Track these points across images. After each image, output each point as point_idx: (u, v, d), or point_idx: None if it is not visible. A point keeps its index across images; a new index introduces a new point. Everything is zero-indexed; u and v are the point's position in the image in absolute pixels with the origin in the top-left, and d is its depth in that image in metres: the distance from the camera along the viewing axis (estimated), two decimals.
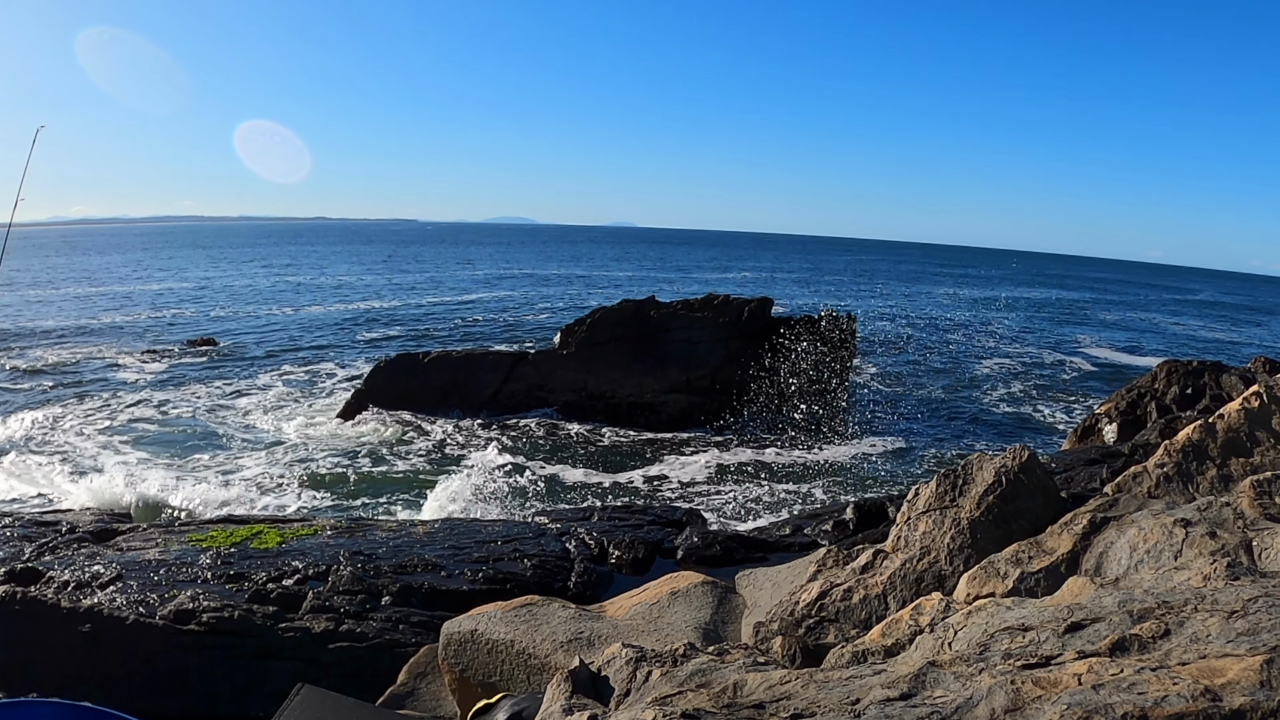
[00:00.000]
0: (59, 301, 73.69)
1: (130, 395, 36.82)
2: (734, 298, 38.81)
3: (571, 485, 27.20)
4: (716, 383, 35.96)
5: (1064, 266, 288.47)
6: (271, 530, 13.03)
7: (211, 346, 50.03)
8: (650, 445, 31.88)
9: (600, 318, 36.43)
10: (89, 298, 77.29)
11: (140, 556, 11.80)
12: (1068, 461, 15.25)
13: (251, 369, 43.89)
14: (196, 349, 49.07)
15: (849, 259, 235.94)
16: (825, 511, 15.37)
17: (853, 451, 31.88)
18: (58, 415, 32.86)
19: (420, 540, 12.74)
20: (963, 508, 7.78)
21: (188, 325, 59.31)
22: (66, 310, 66.87)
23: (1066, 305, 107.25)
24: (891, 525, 9.24)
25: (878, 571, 7.64)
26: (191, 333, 55.01)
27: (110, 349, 47.94)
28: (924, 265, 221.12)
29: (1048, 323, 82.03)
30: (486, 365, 35.57)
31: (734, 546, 13.07)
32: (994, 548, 7.31)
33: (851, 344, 39.32)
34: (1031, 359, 56.54)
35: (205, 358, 46.57)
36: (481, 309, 72.25)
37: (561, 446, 31.17)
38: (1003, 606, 5.05)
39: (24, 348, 47.52)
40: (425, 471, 27.68)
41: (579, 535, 13.30)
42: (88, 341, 50.31)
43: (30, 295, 78.20)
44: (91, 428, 31.24)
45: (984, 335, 68.64)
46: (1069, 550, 6.72)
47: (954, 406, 40.47)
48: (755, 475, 28.58)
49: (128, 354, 46.59)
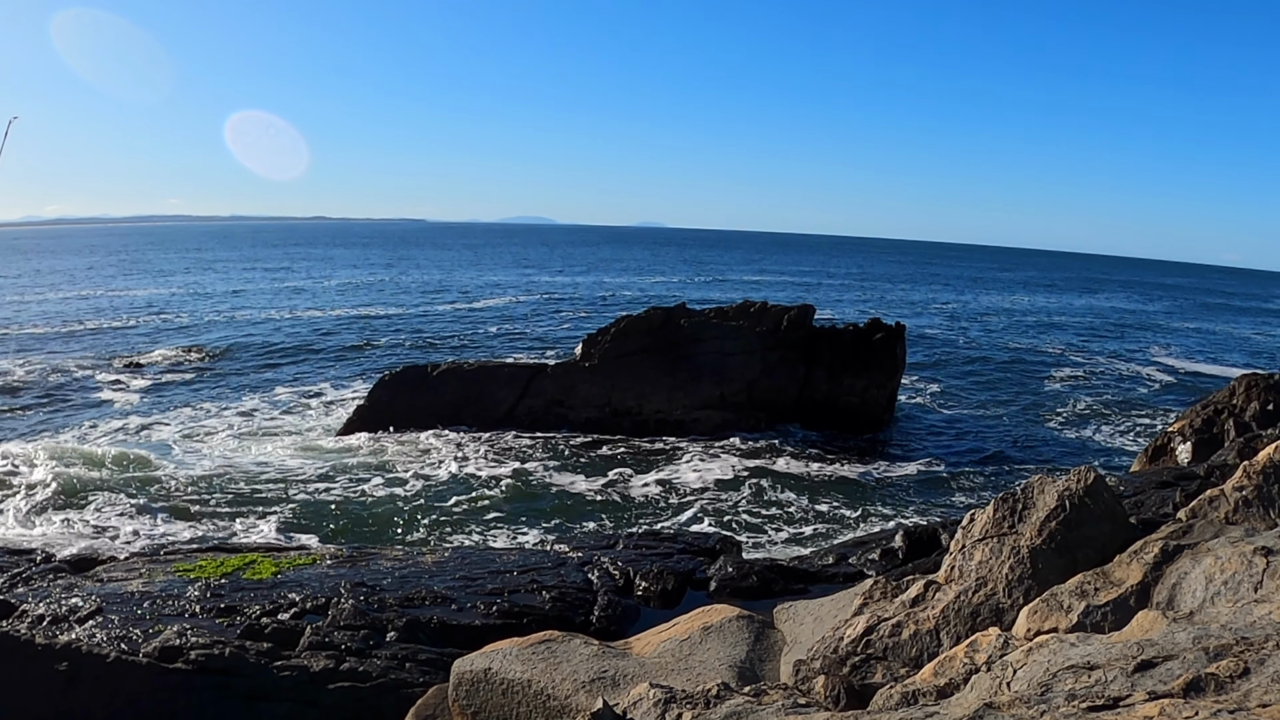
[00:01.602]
0: (34, 307, 74.31)
1: (112, 411, 37.02)
2: (772, 305, 38.77)
3: (594, 510, 27.16)
4: (753, 397, 35.92)
5: (1133, 270, 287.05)
6: (266, 559, 13.09)
7: (199, 356, 50.25)
8: (678, 463, 31.81)
9: (626, 327, 36.42)
10: (66, 304, 77.92)
11: (122, 588, 11.85)
12: (1138, 484, 15.21)
13: (243, 382, 44.14)
14: (183, 360, 49.30)
15: (898, 262, 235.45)
16: (872, 539, 15.36)
17: (902, 472, 31.76)
18: (31, 441, 32.96)
19: (428, 570, 12.79)
20: (1023, 535, 7.77)
21: (174, 333, 59.70)
22: (42, 317, 67.45)
23: (1137, 312, 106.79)
24: (944, 554, 9.22)
25: (930, 605, 7.64)
26: (178, 342, 55.37)
27: (89, 361, 48.24)
28: (981, 269, 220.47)
29: (1117, 331, 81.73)
30: (501, 378, 35.58)
31: (772, 577, 13.09)
32: (1057, 579, 7.29)
33: (900, 354, 39.22)
34: (1099, 371, 56.32)
35: (193, 370, 46.84)
36: (495, 317, 72.45)
37: (583, 467, 31.15)
38: (1066, 643, 5.05)
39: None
40: (434, 496, 27.70)
41: (602, 565, 13.34)
42: (66, 352, 50.66)
43: (2, 300, 78.84)
44: (68, 452, 31.33)
45: (1047, 344, 68.37)
46: (1139, 581, 6.70)
47: (1013, 422, 40.31)
48: (795, 499, 28.51)
49: (109, 365, 46.90)
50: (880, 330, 38.49)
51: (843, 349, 37.55)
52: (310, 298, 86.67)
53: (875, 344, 37.92)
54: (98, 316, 68.75)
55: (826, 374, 37.23)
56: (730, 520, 26.32)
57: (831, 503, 28.24)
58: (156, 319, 68.31)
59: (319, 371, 47.51)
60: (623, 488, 29.24)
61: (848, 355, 37.49)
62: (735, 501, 28.17)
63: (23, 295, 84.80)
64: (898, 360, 39.07)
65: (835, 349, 37.48)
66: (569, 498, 28.04)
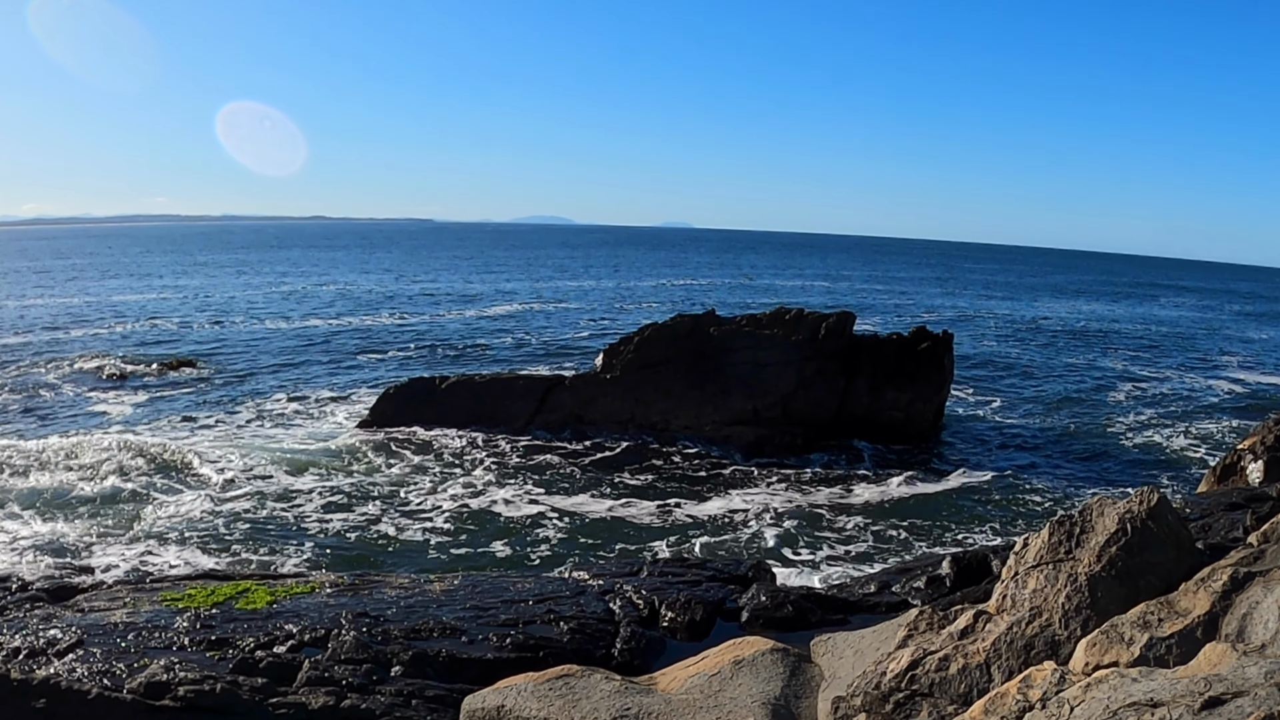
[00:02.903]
0: (10, 313, 74.70)
1: (94, 426, 37.12)
2: (809, 312, 38.79)
3: (615, 534, 27.16)
4: (788, 412, 35.89)
5: (1200, 275, 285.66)
6: (260, 588, 13.11)
7: (190, 369, 50.40)
8: (709, 484, 31.80)
9: (650, 336, 36.42)
10: (46, 309, 78.42)
11: (105, 619, 11.88)
12: (1205, 506, 15.15)
13: (236, 394, 44.25)
14: (172, 370, 49.45)
15: (945, 266, 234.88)
16: (917, 565, 15.33)
17: (949, 492, 31.68)
18: (9, 461, 33.10)
19: (436, 599, 12.81)
20: (1080, 561, 7.77)
21: (162, 343, 59.87)
22: (18, 325, 67.86)
23: (1205, 319, 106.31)
24: (995, 582, 9.23)
25: (979, 637, 7.63)
26: (166, 351, 55.60)
27: (71, 371, 48.52)
28: (1034, 272, 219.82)
29: (1182, 340, 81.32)
30: (515, 392, 35.62)
31: (809, 607, 13.08)
32: (1117, 609, 7.28)
33: (948, 365, 39.15)
34: (1163, 382, 56.12)
35: (183, 383, 46.96)
36: (508, 325, 72.56)
37: (603, 488, 31.15)
38: (1128, 678, 5.05)
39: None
40: (443, 519, 27.75)
41: (625, 593, 13.35)
42: (46, 362, 50.94)
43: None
44: (50, 476, 31.42)
45: (1106, 354, 68.17)
46: (1206, 611, 6.69)
47: (1070, 439, 40.15)
48: (834, 522, 28.47)
49: (91, 376, 47.09)
50: (926, 339, 38.44)
51: (885, 360, 37.51)
52: (309, 304, 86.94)
53: (921, 354, 37.86)
54: (80, 324, 69.09)
55: (868, 387, 37.19)
56: (763, 545, 26.29)
57: (873, 525, 28.19)
58: (143, 326, 68.55)
59: (318, 384, 47.55)
60: (646, 510, 29.21)
61: (891, 366, 37.45)
62: (768, 524, 28.11)
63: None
64: (945, 372, 39.00)
65: (877, 360, 37.44)
66: (588, 521, 28.04)
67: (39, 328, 66.61)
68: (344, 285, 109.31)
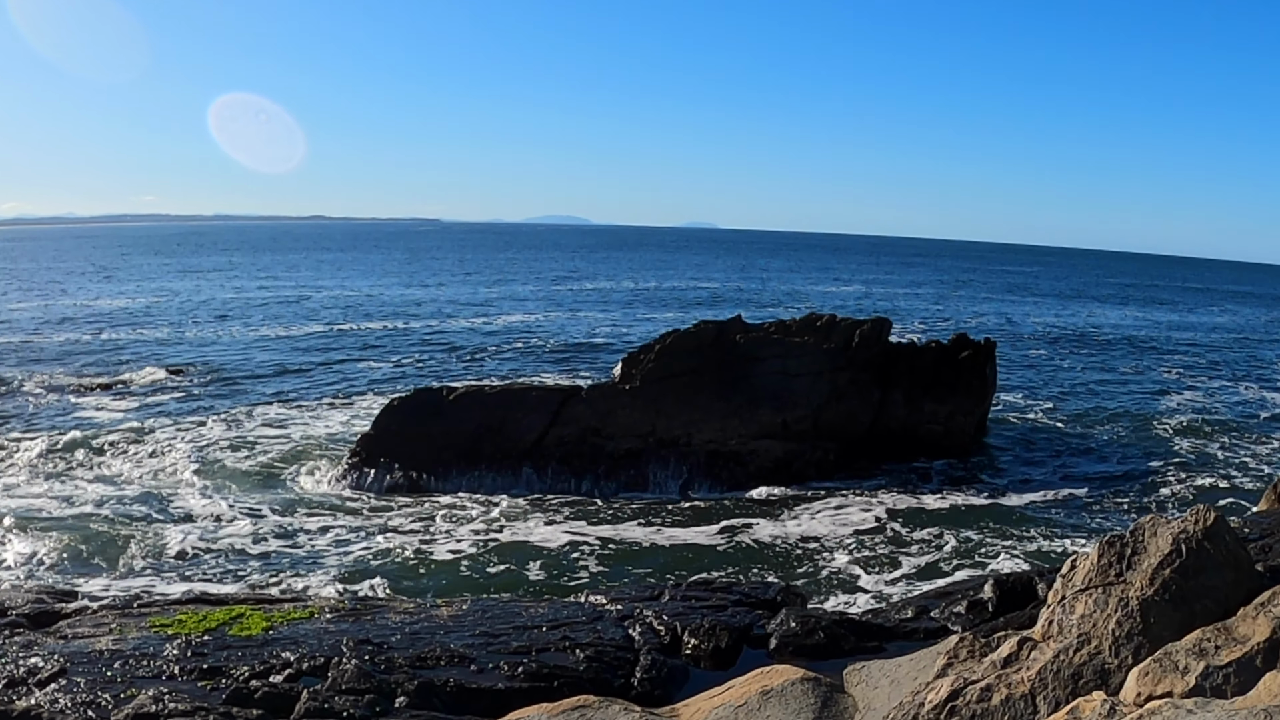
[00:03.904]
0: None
1: (78, 441, 37.14)
2: (842, 318, 38.77)
3: (635, 555, 27.19)
4: (819, 425, 35.84)
5: (1259, 278, 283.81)
6: (255, 613, 13.13)
7: (180, 378, 50.51)
8: (735, 504, 31.79)
9: (672, 344, 36.41)
10: (26, 315, 78.59)
11: (89, 646, 11.92)
12: (1265, 526, 15.09)
13: (230, 408, 44.24)
14: (160, 381, 49.53)
15: (988, 267, 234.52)
16: (957, 589, 15.32)
17: (991, 511, 31.59)
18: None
19: (444, 625, 12.84)
20: (1132, 584, 7.77)
21: (150, 350, 60.04)
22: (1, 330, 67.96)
23: (1265, 326, 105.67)
24: (1041, 606, 9.22)
25: (1024, 665, 7.64)
26: (155, 360, 55.68)
27: (53, 381, 48.54)
28: (1079, 275, 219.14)
29: (1240, 348, 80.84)
30: (528, 404, 35.57)
31: (842, 633, 13.08)
32: (1171, 635, 7.28)
33: (990, 376, 39.09)
34: (1220, 393, 55.88)
35: (171, 393, 47.04)
36: (521, 332, 72.56)
37: (622, 507, 31.18)
38: (1183, 709, 5.05)
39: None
40: (449, 538, 27.80)
41: (645, 619, 13.36)
42: (26, 371, 50.95)
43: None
44: (29, 493, 31.48)
45: (1160, 362, 67.96)
46: (1267, 638, 6.69)
47: (1120, 452, 40.02)
48: (868, 542, 28.43)
49: (73, 389, 47.15)
50: (967, 347, 38.39)
51: (923, 370, 37.47)
52: (307, 309, 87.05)
53: (961, 364, 37.82)
54: (63, 330, 69.36)
55: (904, 398, 37.16)
56: (793, 567, 26.28)
57: (910, 545, 28.16)
58: (130, 334, 68.71)
59: (315, 394, 47.65)
60: (669, 529, 29.23)
61: (929, 377, 37.40)
62: (798, 545, 28.11)
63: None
64: (987, 382, 38.94)
65: (915, 370, 37.41)
66: (607, 541, 28.05)
67: (16, 334, 66.78)
68: (344, 289, 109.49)
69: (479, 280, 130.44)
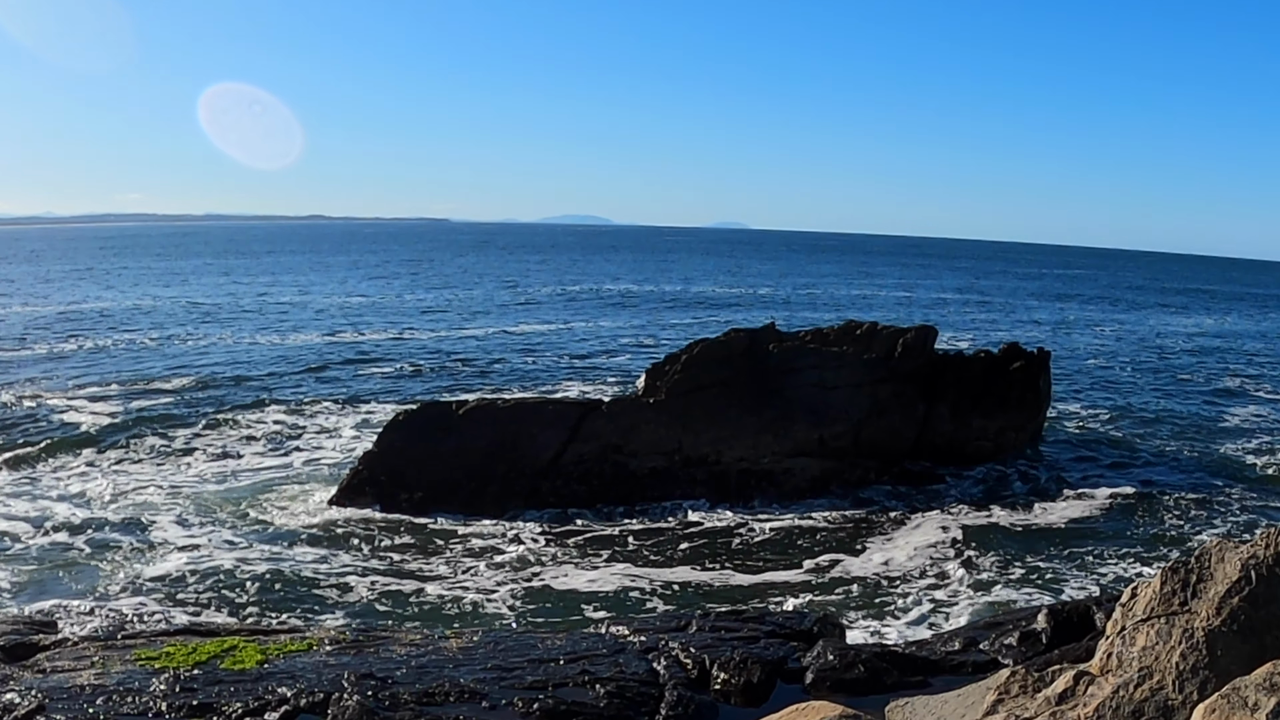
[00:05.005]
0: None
1: (57, 460, 37.25)
2: (883, 326, 38.75)
3: (659, 582, 27.19)
4: (859, 442, 35.80)
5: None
6: (249, 645, 13.13)
7: (165, 390, 50.44)
8: (768, 527, 31.75)
9: (700, 354, 36.39)
10: (2, 321, 78.71)
11: (70, 681, 11.92)
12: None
13: (220, 423, 44.18)
14: (146, 393, 49.46)
15: (1040, 270, 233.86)
16: (1008, 619, 15.32)
17: (1044, 533, 31.52)
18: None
19: (453, 658, 12.85)
20: (1197, 614, 7.77)
21: (135, 360, 60.16)
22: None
23: None
24: (1099, 638, 9.23)
25: (1081, 702, 7.64)
26: (139, 371, 55.76)
27: (29, 393, 48.66)
28: (1144, 278, 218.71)
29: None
30: (544, 419, 35.52)
31: (883, 667, 13.09)
32: (1240, 669, 7.28)
33: (1044, 388, 39.00)
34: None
35: (159, 406, 46.86)
36: (536, 341, 72.67)
37: (646, 529, 31.18)
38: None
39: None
40: (459, 563, 27.85)
41: (671, 651, 13.37)
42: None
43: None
44: (4, 511, 31.46)
45: (1228, 372, 67.71)
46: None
47: (1184, 469, 39.85)
48: (912, 566, 28.41)
49: (54, 401, 47.18)
50: (1019, 358, 38.34)
51: (971, 382, 37.42)
52: (304, 316, 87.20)
53: (1013, 375, 37.77)
54: (40, 339, 69.47)
55: (950, 412, 37.11)
56: (831, 595, 26.27)
57: (956, 571, 28.11)
58: (113, 343, 68.70)
59: (313, 408, 47.54)
60: (697, 555, 29.23)
61: (978, 389, 37.34)
62: (836, 571, 28.10)
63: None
64: (1041, 395, 38.87)
65: (962, 382, 37.35)
66: (629, 569, 28.04)
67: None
68: (344, 294, 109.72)
69: (489, 284, 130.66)
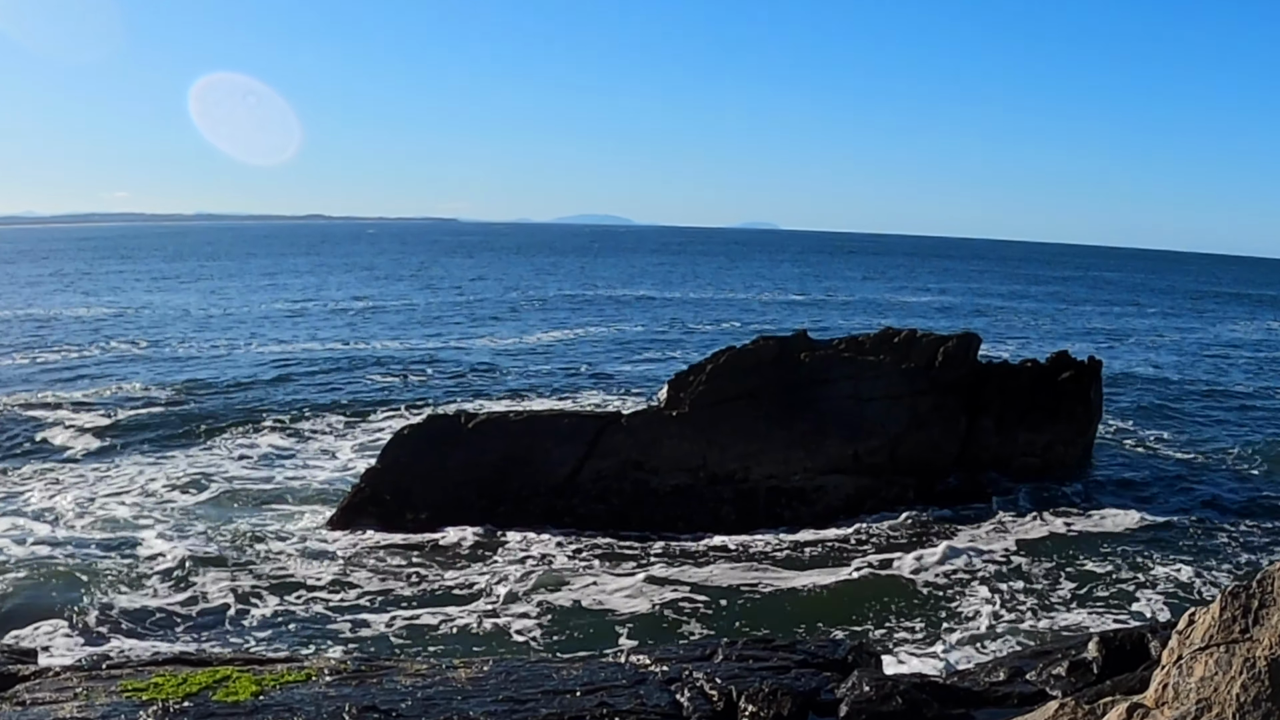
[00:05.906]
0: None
1: (38, 475, 37.33)
2: (922, 334, 38.69)
3: (683, 607, 27.20)
4: (896, 457, 35.73)
5: None
6: (244, 675, 13.13)
7: (152, 401, 50.40)
8: (799, 549, 31.73)
9: (726, 364, 36.35)
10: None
11: (51, 714, 11.93)
12: None
13: (212, 437, 44.29)
14: (133, 404, 49.46)
15: (1088, 274, 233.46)
16: (1056, 648, 15.28)
17: (1095, 556, 31.42)
18: None
19: (462, 689, 12.86)
20: (1259, 642, 7.74)
21: (121, 370, 60.31)
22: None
23: None
24: (1154, 668, 9.20)
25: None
26: (126, 381, 55.87)
27: (7, 404, 48.69)
28: (1203, 280, 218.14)
29: None
30: (560, 433, 35.46)
31: (923, 698, 13.07)
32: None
33: (1095, 400, 38.92)
34: None
35: (147, 419, 46.88)
36: (550, 348, 72.74)
37: (668, 551, 31.18)
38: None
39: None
40: (466, 588, 27.86)
41: (695, 682, 13.36)
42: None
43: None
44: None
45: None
46: None
47: (1245, 489, 39.67)
48: (953, 591, 28.37)
49: (35, 413, 47.24)
50: (1069, 367, 38.26)
51: (1017, 393, 37.33)
52: (301, 322, 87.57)
53: (1062, 386, 37.68)
54: (20, 347, 69.66)
55: (995, 426, 37.03)
56: (866, 621, 26.27)
57: (1002, 593, 28.11)
58: (98, 351, 68.95)
59: (313, 422, 47.49)
60: (722, 579, 29.19)
61: (1024, 401, 37.26)
62: (872, 596, 28.07)
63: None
64: (1092, 407, 38.77)
65: (1007, 393, 37.27)
66: (650, 593, 28.00)
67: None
68: (344, 298, 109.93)
69: (500, 287, 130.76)
